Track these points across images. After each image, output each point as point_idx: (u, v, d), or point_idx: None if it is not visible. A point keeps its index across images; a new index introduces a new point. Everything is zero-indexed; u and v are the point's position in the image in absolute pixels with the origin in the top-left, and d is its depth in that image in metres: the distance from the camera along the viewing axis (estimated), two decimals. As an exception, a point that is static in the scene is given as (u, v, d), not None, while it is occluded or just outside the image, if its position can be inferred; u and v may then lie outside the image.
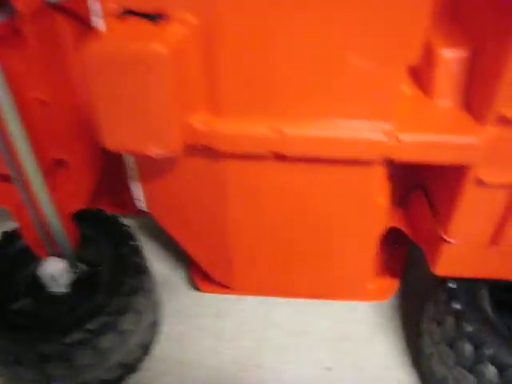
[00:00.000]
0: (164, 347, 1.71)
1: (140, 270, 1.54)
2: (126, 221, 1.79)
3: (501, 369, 1.29)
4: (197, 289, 1.88)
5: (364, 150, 1.08)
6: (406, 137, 1.06)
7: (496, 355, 1.30)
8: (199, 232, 1.43)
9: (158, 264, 2.01)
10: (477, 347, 1.34)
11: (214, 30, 0.98)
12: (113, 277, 1.48)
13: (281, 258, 1.46)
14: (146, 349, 1.65)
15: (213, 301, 1.85)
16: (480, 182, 1.14)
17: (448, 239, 1.28)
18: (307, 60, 1.01)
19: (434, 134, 1.07)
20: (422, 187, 1.41)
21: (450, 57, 1.10)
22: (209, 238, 1.43)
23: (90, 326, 1.36)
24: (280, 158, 1.14)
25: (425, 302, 1.65)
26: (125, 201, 1.77)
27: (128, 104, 1.01)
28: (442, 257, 1.33)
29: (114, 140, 1.08)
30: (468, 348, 1.36)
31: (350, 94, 1.05)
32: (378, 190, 1.22)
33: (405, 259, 1.85)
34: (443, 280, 1.50)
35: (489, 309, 1.42)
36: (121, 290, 1.44)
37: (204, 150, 1.14)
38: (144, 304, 1.55)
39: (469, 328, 1.36)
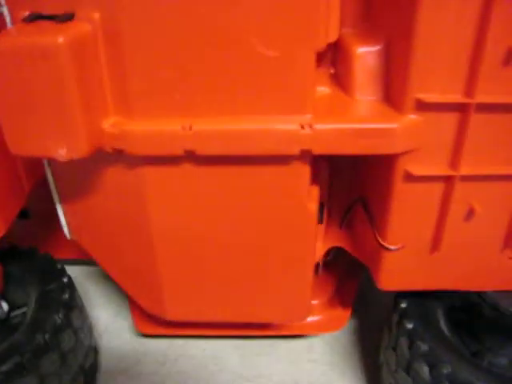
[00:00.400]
0: (102, 400, 1.55)
1: (68, 306, 1.41)
2: (71, 269, 1.68)
3: (460, 388, 1.17)
4: (142, 336, 1.74)
5: (278, 143, 1.04)
6: (323, 126, 1.03)
7: (454, 374, 1.19)
8: (126, 256, 1.33)
9: (104, 311, 1.90)
10: (433, 367, 1.23)
11: (115, 24, 0.97)
12: (36, 314, 1.35)
13: (212, 280, 1.34)
14: (78, 400, 1.47)
15: (158, 347, 1.72)
16: (409, 176, 1.09)
17: (387, 246, 1.21)
18: (213, 53, 0.99)
19: (350, 122, 1.03)
20: (361, 199, 1.36)
21: (364, 52, 1.11)
22: (136, 261, 1.32)
23: (2, 367, 1.21)
24: (195, 159, 1.09)
25: (381, 333, 1.54)
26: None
27: (28, 102, 0.97)
28: (385, 267, 1.25)
29: (19, 144, 1.03)
30: (425, 369, 1.25)
31: (260, 88, 1.02)
32: (304, 193, 1.16)
33: (356, 290, 1.75)
34: (396, 303, 1.42)
35: (445, 329, 1.33)
36: (43, 327, 1.31)
37: (118, 156, 1.09)
38: (72, 344, 1.40)
39: (423, 347, 1.26)
